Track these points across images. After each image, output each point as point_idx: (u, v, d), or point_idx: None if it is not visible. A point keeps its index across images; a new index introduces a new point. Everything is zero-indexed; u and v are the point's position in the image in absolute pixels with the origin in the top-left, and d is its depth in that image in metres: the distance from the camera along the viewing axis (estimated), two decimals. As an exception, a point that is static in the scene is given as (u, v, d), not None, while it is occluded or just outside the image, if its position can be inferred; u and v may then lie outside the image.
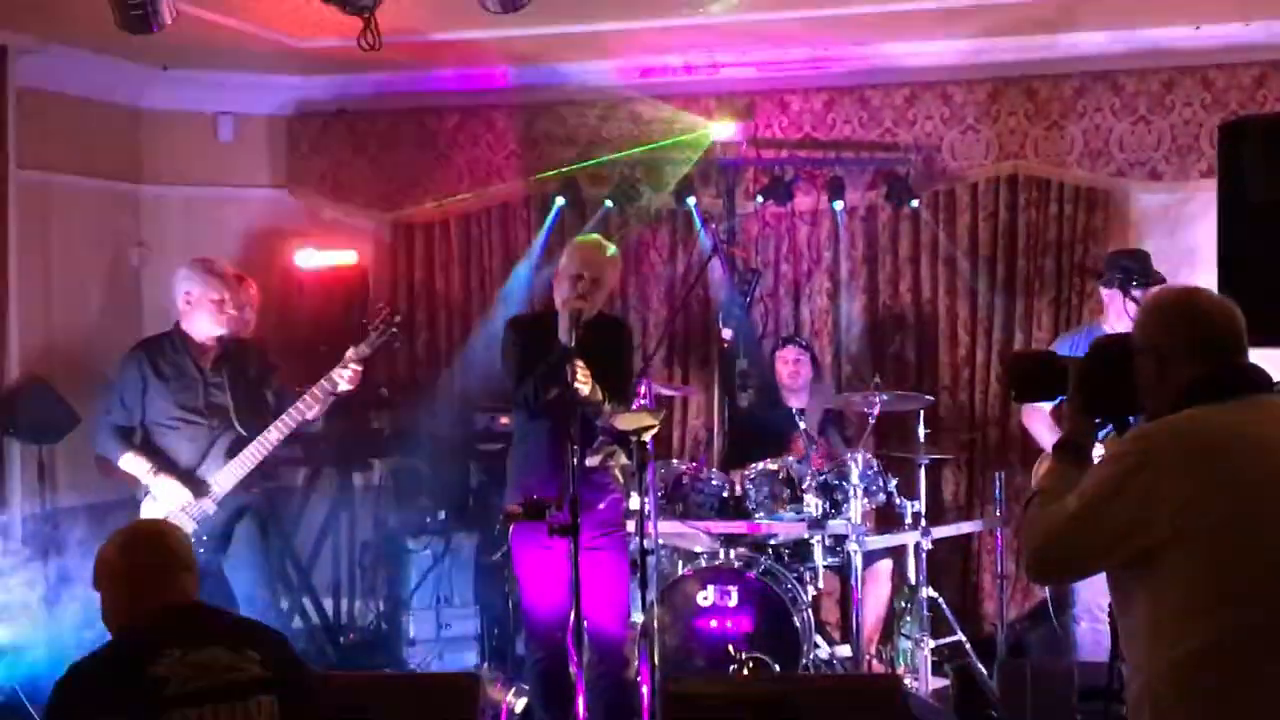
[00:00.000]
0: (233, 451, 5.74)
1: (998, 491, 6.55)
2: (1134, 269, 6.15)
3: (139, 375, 5.78)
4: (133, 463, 5.73)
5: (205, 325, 5.84)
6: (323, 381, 5.72)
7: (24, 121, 7.05)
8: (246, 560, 5.85)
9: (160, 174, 8.10)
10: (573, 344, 5.03)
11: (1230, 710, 2.66)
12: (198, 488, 5.69)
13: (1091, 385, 3.03)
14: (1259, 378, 2.88)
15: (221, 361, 5.88)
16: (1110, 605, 3.07)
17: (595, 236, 5.73)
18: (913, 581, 6.52)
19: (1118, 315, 6.05)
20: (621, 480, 5.46)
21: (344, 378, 5.70)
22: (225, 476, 5.71)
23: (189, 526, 5.54)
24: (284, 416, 5.73)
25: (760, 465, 6.35)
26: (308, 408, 5.74)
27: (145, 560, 3.40)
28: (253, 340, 6.27)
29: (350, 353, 5.71)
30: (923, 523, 6.41)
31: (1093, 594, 5.71)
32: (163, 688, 3.11)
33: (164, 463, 5.72)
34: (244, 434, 5.76)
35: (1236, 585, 2.68)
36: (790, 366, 7.03)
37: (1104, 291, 6.28)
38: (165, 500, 5.67)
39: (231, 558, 5.81)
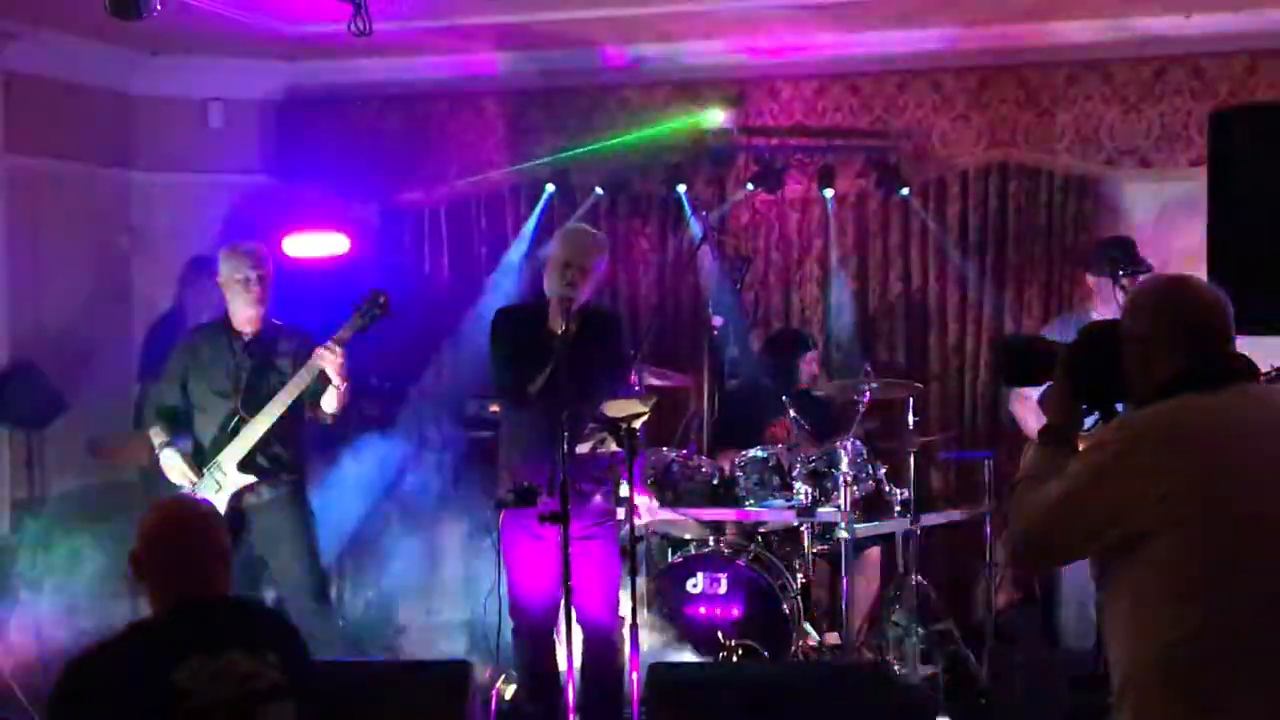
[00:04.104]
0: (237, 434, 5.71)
1: (987, 479, 6.56)
2: (1122, 257, 6.17)
3: None
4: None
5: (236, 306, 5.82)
6: (309, 362, 5.64)
7: (13, 107, 7.06)
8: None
9: (150, 160, 8.06)
10: (564, 332, 5.03)
11: (1210, 700, 2.67)
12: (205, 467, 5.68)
13: (1079, 371, 3.03)
14: (1243, 367, 2.88)
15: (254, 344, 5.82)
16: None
17: (582, 225, 5.73)
18: (902, 569, 6.53)
19: (1105, 302, 6.07)
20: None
21: (323, 359, 5.59)
22: (226, 459, 5.67)
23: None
24: (275, 399, 5.67)
25: (750, 452, 6.34)
26: (296, 389, 5.67)
27: (173, 550, 3.23)
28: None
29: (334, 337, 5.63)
30: (912, 510, 6.42)
31: (1081, 581, 5.72)
32: (185, 701, 3.03)
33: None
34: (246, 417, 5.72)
35: (1218, 575, 2.68)
36: (811, 368, 7.04)
37: (1091, 279, 6.30)
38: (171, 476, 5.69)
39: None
